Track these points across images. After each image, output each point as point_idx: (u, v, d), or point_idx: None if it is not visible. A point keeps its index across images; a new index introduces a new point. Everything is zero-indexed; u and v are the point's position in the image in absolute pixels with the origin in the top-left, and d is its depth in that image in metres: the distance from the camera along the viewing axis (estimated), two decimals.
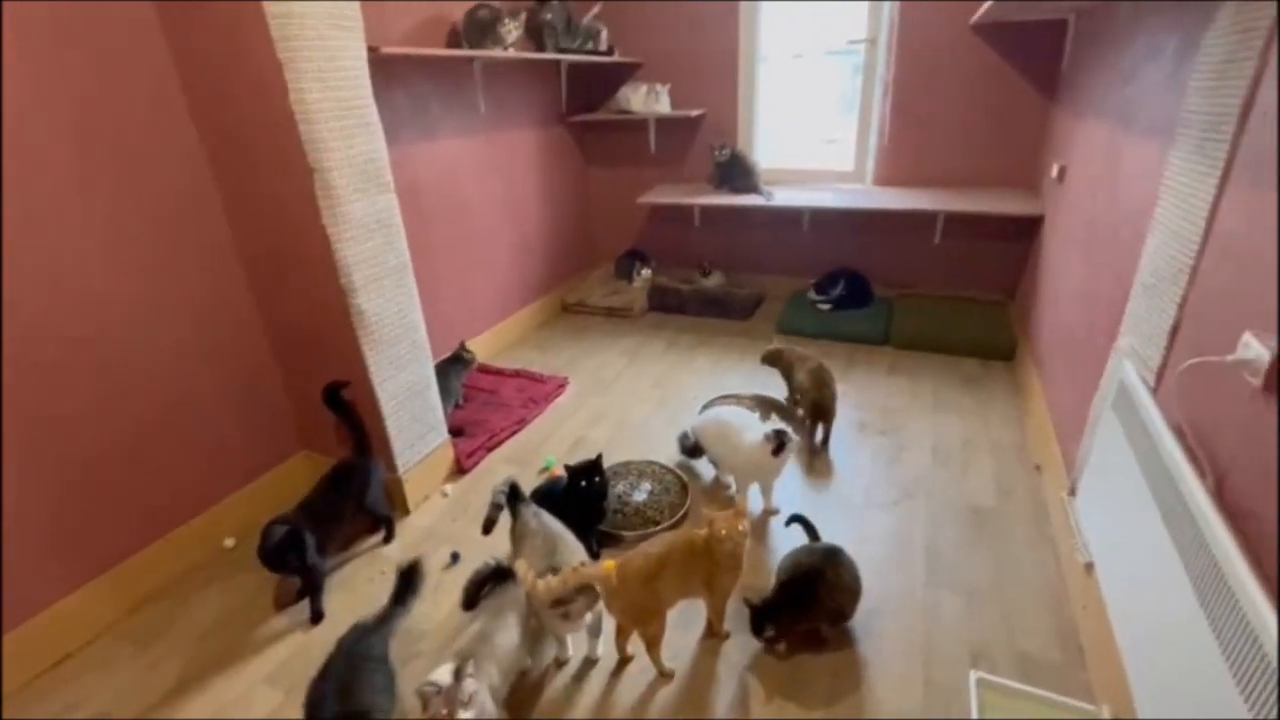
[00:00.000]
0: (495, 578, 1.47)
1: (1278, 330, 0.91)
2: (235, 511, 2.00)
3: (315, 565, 1.69)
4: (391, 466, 2.00)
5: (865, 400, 2.60)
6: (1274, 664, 0.71)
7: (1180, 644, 0.93)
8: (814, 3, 3.18)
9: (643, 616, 1.41)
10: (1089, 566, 1.51)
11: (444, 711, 1.15)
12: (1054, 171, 2.50)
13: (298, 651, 1.60)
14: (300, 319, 1.90)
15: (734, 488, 2.08)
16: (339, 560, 1.88)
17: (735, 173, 3.34)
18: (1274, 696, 0.70)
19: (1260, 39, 1.06)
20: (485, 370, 2.92)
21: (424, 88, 2.54)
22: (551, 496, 1.76)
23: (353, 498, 1.83)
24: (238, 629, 1.68)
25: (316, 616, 1.69)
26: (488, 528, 1.60)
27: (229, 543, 1.96)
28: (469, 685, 1.18)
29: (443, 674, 1.19)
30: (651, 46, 3.45)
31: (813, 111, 3.49)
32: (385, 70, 2.04)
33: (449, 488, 2.18)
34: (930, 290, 3.41)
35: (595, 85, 3.59)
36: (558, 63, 3.27)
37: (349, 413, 1.89)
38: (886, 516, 1.94)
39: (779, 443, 1.82)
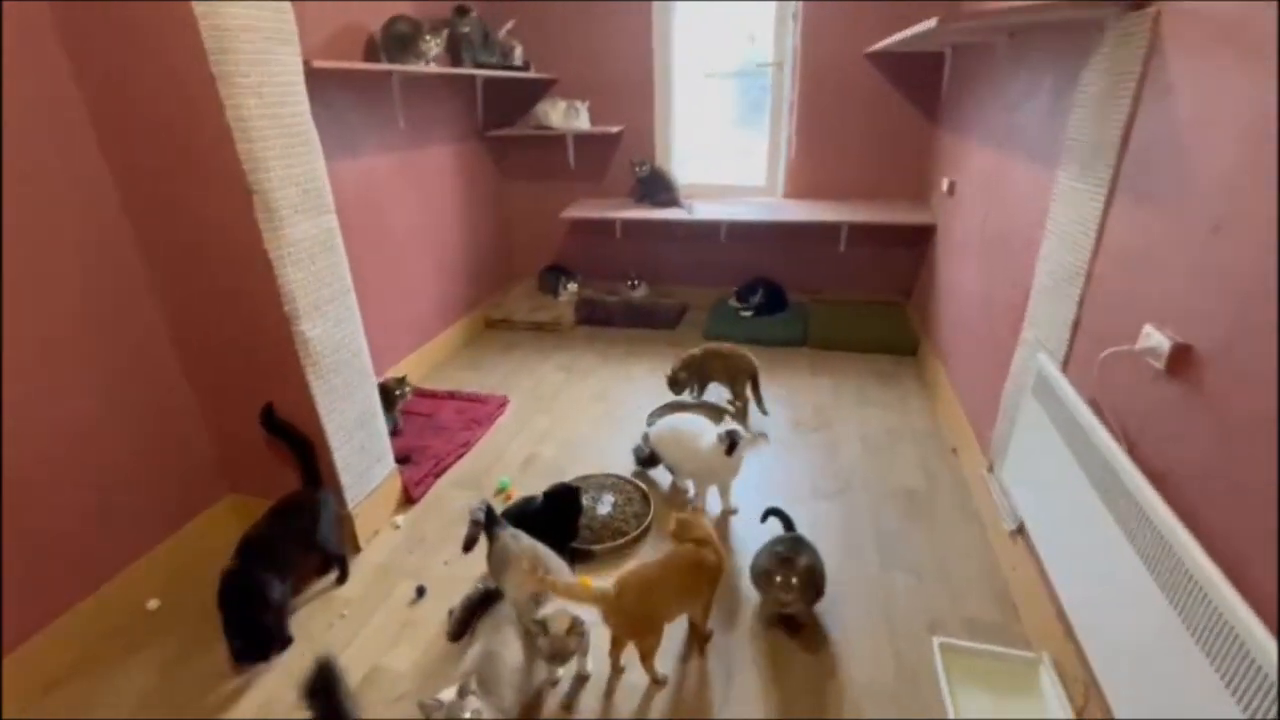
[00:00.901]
0: (485, 603, 1.44)
1: (1176, 322, 1.12)
2: (156, 569, 1.80)
3: (278, 602, 1.60)
4: (341, 501, 1.88)
5: (797, 399, 2.78)
6: (1202, 587, 0.88)
7: (1119, 585, 1.10)
8: (724, 28, 3.37)
9: (642, 629, 1.43)
10: (1014, 533, 1.73)
11: None
12: (944, 186, 2.82)
13: (260, 712, 1.47)
14: (233, 351, 1.75)
15: (692, 492, 2.15)
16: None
17: (656, 187, 3.45)
18: (1206, 612, 0.87)
19: (1133, 81, 1.29)
20: (420, 393, 2.81)
21: (344, 102, 2.42)
22: (525, 517, 1.74)
23: (302, 535, 1.71)
24: (178, 698, 1.51)
25: (283, 643, 1.62)
26: (469, 545, 1.57)
27: (153, 604, 1.76)
28: (471, 701, 1.18)
29: (448, 692, 1.18)
30: (567, 63, 3.49)
31: (726, 128, 3.67)
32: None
33: (400, 519, 2.08)
34: (838, 294, 3.70)
35: (511, 101, 3.57)
36: (474, 78, 3.22)
37: (292, 436, 1.76)
38: (833, 506, 2.10)
39: (731, 442, 1.91)
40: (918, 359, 3.11)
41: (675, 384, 2.63)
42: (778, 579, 1.56)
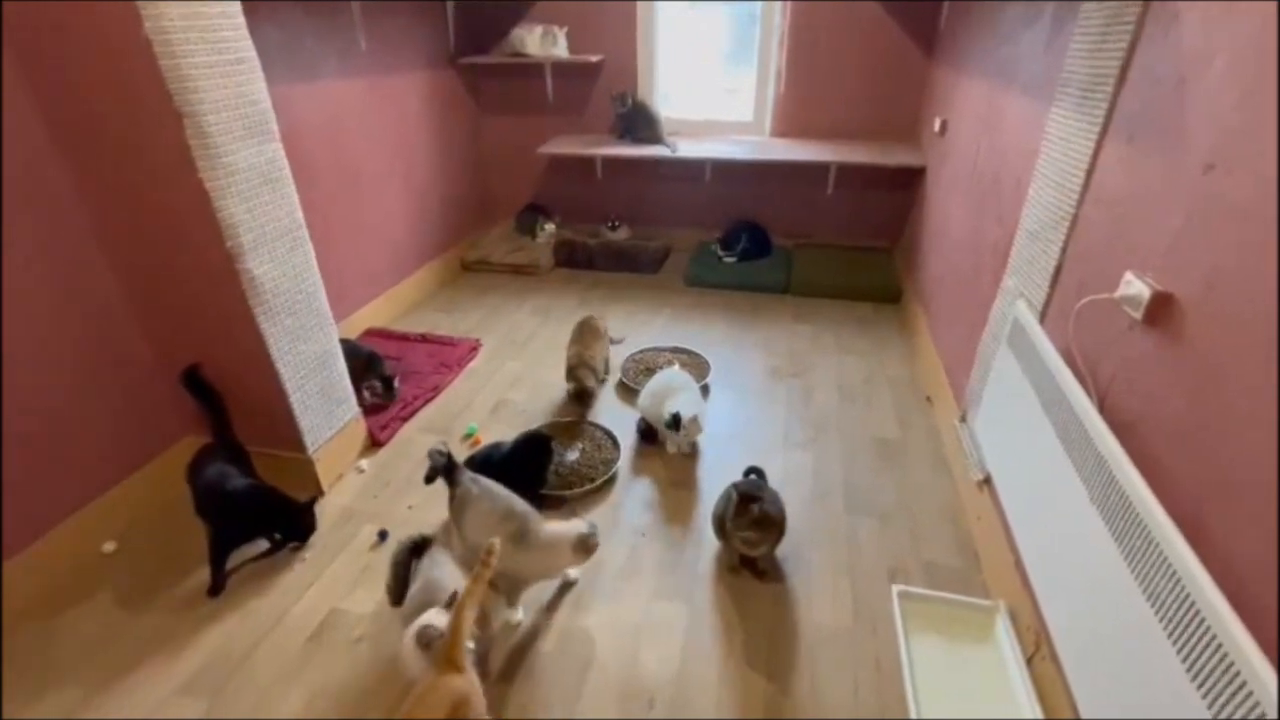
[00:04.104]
0: (414, 554, 1.40)
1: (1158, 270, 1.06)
2: (112, 511, 1.76)
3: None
4: (300, 446, 1.84)
5: (775, 347, 2.73)
6: (1160, 545, 0.85)
7: (1075, 538, 1.08)
8: None
9: None
10: (981, 483, 1.72)
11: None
12: (936, 125, 2.69)
13: (217, 654, 1.47)
14: (179, 292, 1.66)
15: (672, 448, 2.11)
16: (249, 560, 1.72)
17: (638, 123, 3.29)
18: (1163, 571, 0.85)
19: (1137, 8, 1.19)
20: (390, 336, 2.74)
21: (296, 20, 2.24)
22: (490, 463, 1.71)
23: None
24: (135, 639, 1.50)
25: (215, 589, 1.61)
26: (431, 476, 1.55)
27: (109, 547, 1.73)
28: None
29: (437, 617, 1.17)
30: None
31: (712, 61, 3.48)
32: None
33: (364, 463, 2.05)
34: (823, 239, 3.60)
35: (485, 25, 3.34)
36: None
37: (208, 395, 1.75)
38: (805, 453, 2.08)
39: (674, 424, 1.94)
40: (900, 307, 3.05)
41: (586, 395, 2.30)
42: (745, 520, 1.54)
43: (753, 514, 1.51)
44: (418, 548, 1.38)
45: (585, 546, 1.49)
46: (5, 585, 1.53)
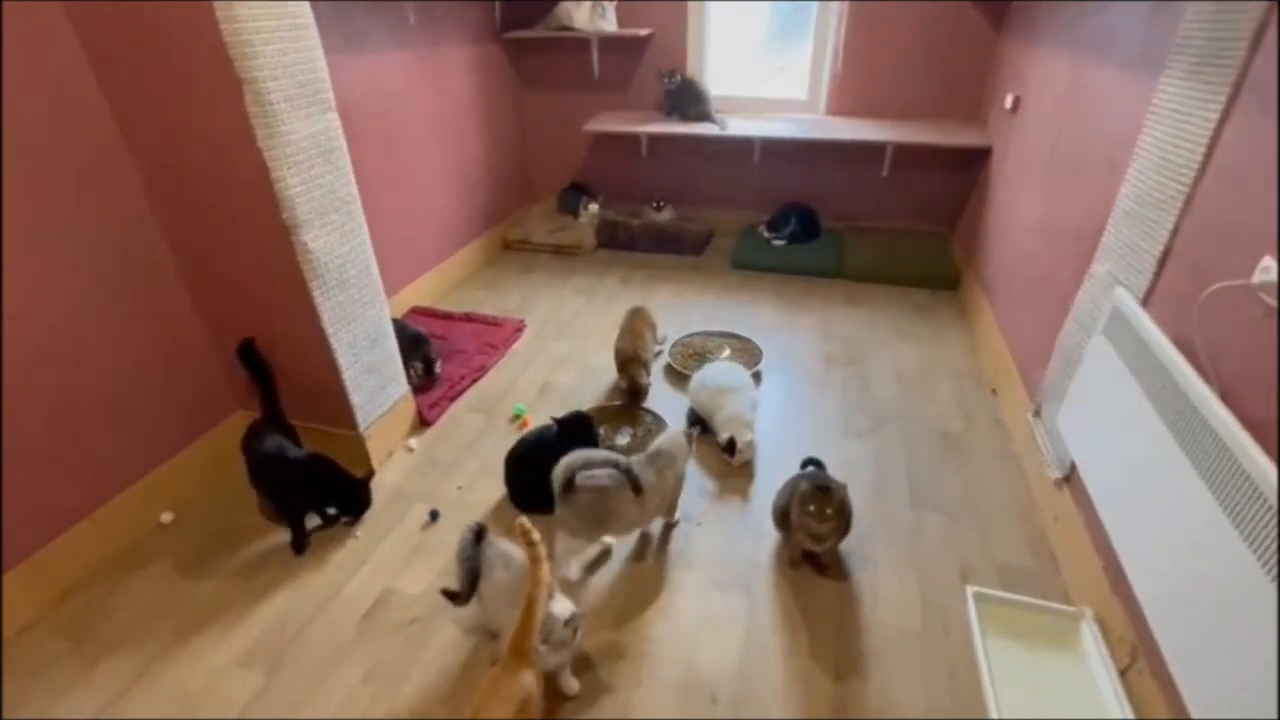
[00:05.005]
0: (477, 541, 1.35)
1: None
2: (168, 483, 1.77)
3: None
4: (352, 423, 1.82)
5: (828, 332, 2.63)
6: None
7: (1196, 547, 0.99)
8: None
9: None
10: (1060, 481, 1.62)
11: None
12: (1008, 102, 2.54)
13: (273, 627, 1.46)
14: (232, 265, 1.64)
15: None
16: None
17: (686, 100, 3.18)
18: None
19: None
20: (435, 315, 2.71)
21: None
22: (543, 445, 1.67)
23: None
24: (192, 609, 1.50)
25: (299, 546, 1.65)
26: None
27: (166, 518, 1.74)
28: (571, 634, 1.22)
29: (564, 609, 1.20)
30: None
31: (764, 38, 3.35)
32: None
33: (413, 442, 2.03)
34: (876, 223, 3.47)
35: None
36: None
37: (260, 369, 1.75)
38: (865, 445, 2.00)
39: (729, 448, 1.88)
40: (959, 294, 2.92)
41: (639, 392, 2.20)
42: (811, 509, 1.47)
43: (833, 501, 1.44)
44: (477, 536, 1.33)
45: (691, 439, 1.65)
46: (73, 549, 1.55)
